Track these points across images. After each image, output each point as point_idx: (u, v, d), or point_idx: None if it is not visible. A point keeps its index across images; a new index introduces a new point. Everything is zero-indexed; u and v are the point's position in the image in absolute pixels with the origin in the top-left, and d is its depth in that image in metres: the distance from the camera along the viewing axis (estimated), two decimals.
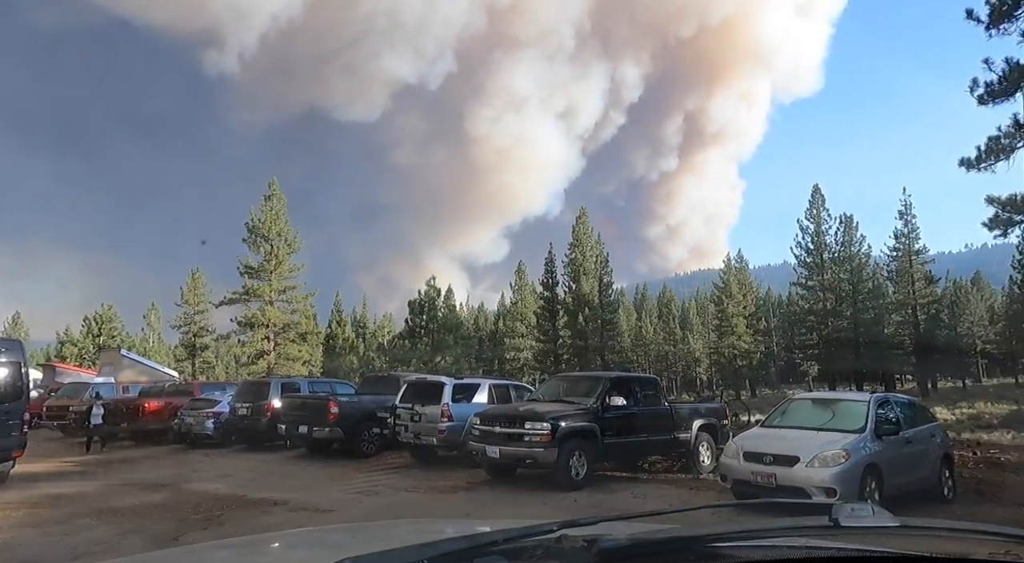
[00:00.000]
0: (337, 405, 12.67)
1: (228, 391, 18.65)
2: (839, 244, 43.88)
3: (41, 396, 24.79)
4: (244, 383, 15.96)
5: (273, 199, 46.95)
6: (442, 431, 10.73)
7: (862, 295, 42.71)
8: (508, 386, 12.25)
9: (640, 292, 79.47)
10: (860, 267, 43.23)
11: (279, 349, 47.36)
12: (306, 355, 50.19)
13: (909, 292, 44.83)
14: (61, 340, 42.79)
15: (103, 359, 23.07)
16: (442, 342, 27.55)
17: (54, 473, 12.86)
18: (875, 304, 43.03)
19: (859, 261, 43.41)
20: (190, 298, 56.57)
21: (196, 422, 16.06)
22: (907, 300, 44.86)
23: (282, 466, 12.62)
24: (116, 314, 44.28)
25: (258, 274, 46.12)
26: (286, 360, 46.76)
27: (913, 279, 44.71)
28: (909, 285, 44.75)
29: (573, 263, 50.82)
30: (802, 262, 45.79)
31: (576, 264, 50.35)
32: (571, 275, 50.85)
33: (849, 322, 42.91)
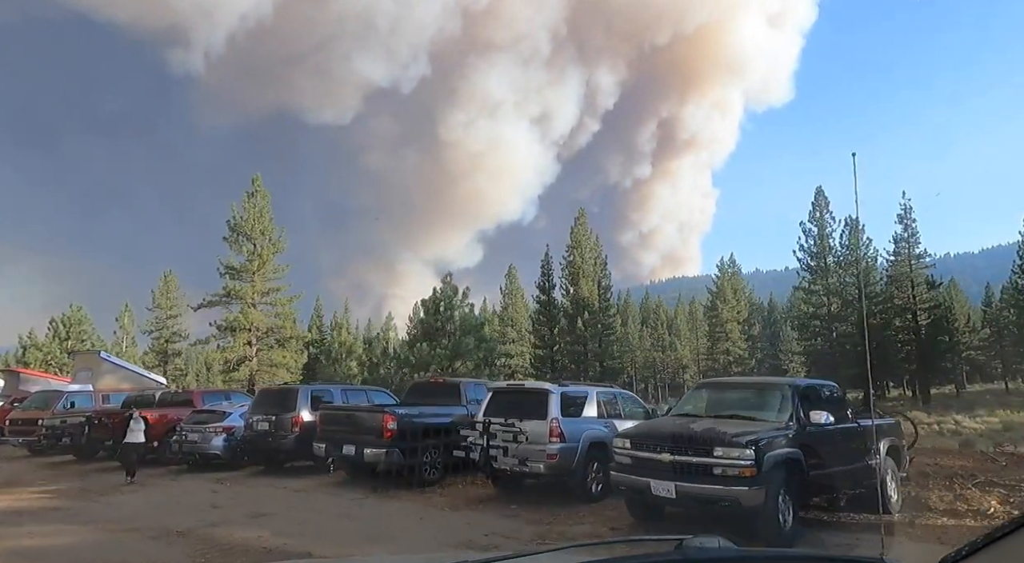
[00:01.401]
0: (395, 419, 9.93)
1: (235, 400, 15.65)
2: (844, 247, 42.61)
3: (3, 407, 21.21)
4: (263, 392, 13.00)
5: (256, 196, 43.57)
6: (552, 455, 8.11)
7: (869, 299, 41.40)
8: (614, 395, 9.70)
9: (623, 298, 77.59)
10: (868, 270, 41.99)
11: (261, 355, 43.91)
12: (291, 361, 46.84)
13: (909, 296, 43.81)
14: (24, 344, 38.53)
15: (79, 363, 19.77)
16: (462, 345, 24.83)
17: (23, 511, 9.77)
18: (882, 308, 41.80)
19: (866, 264, 42.18)
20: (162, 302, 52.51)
21: (202, 439, 13.06)
22: (908, 304, 43.81)
23: (328, 499, 9.80)
24: (86, 316, 40.18)
25: (240, 275, 42.66)
26: (269, 366, 43.27)
27: (914, 283, 43.70)
28: (909, 289, 43.75)
29: (571, 266, 48.57)
30: (805, 266, 44.46)
31: (575, 267, 48.09)
32: (569, 278, 48.59)
33: (855, 327, 41.55)
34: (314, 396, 12.34)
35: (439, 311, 27.83)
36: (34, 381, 22.87)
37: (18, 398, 21.69)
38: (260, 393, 12.94)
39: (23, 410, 17.78)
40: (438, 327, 26.80)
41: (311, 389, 12.52)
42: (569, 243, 49.71)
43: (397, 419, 9.96)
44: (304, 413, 11.91)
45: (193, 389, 16.23)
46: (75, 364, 20.11)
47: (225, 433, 13.19)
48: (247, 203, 43.47)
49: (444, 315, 27.70)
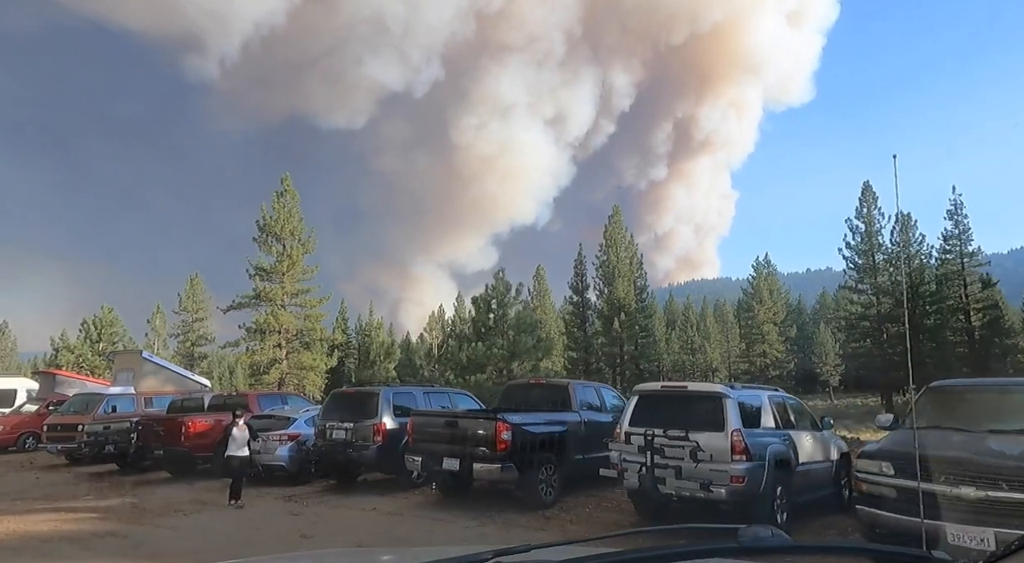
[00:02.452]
0: (510, 428, 8.17)
1: (295, 405, 14.02)
2: (895, 244, 40.36)
3: (39, 410, 19.75)
4: (337, 396, 11.27)
5: (286, 196, 42.20)
6: (738, 477, 6.32)
7: (923, 299, 39.14)
8: (783, 401, 7.89)
9: (647, 300, 75.32)
10: (921, 269, 39.77)
11: (291, 357, 42.57)
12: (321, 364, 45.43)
13: (961, 296, 41.52)
14: (56, 347, 37.31)
15: (119, 364, 18.25)
16: (519, 344, 23.07)
17: (70, 536, 8.13)
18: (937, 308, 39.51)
19: (919, 262, 39.98)
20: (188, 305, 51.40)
21: (264, 448, 11.39)
22: (960, 304, 41.50)
23: (437, 526, 8.05)
24: (117, 318, 38.88)
25: (269, 276, 41.35)
26: (299, 369, 41.91)
27: (966, 282, 41.41)
28: (961, 289, 41.48)
29: (606, 265, 46.64)
30: (852, 264, 42.29)
31: (609, 266, 46.17)
32: (603, 278, 46.70)
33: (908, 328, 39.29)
34: (397, 400, 10.61)
35: (491, 309, 26.11)
36: (70, 383, 21.43)
37: (53, 401, 20.24)
38: (333, 397, 11.21)
39: (61, 414, 16.27)
40: (491, 325, 25.05)
41: (393, 391, 10.78)
42: (602, 242, 47.81)
43: (512, 428, 8.20)
44: (387, 419, 10.19)
45: (248, 391, 14.65)
46: (115, 365, 18.62)
47: (291, 442, 11.52)
48: (276, 203, 42.16)
49: (497, 313, 25.97)
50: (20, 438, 19.13)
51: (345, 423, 10.35)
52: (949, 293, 41.16)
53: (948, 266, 41.70)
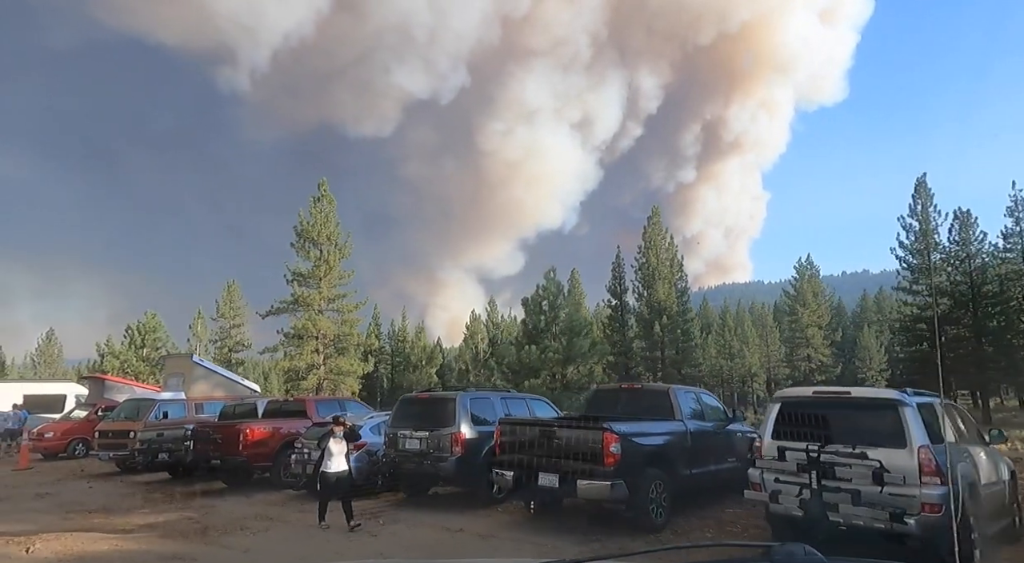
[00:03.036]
0: (619, 439, 7.09)
1: (355, 411, 13.14)
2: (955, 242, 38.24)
3: (88, 416, 19.28)
4: (408, 402, 10.28)
5: (323, 201, 41.83)
6: (933, 506, 5.14)
7: (986, 299, 36.94)
8: (952, 409, 6.67)
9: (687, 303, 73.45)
10: (983, 268, 37.56)
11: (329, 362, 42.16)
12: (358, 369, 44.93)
13: None
14: (101, 352, 37.37)
15: (169, 368, 17.66)
16: (575, 347, 21.95)
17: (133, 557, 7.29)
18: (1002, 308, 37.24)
19: (981, 261, 37.78)
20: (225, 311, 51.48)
21: None
22: None
23: (541, 551, 6.99)
24: (160, 323, 38.84)
25: (307, 281, 41.03)
26: (336, 374, 41.46)
27: None
28: None
29: (645, 268, 45.26)
30: (907, 264, 40.20)
31: (649, 268, 44.77)
32: (642, 281, 45.31)
33: (970, 331, 37.18)
34: (474, 406, 9.59)
35: (542, 310, 25.05)
36: (118, 388, 21.01)
37: (103, 406, 19.78)
38: (404, 403, 10.24)
39: (113, 421, 15.67)
40: (542, 328, 23.98)
41: (469, 397, 9.76)
42: (640, 244, 46.46)
43: (621, 439, 7.12)
44: (465, 428, 9.19)
45: (305, 396, 13.83)
46: (165, 369, 18.05)
47: (357, 451, 10.58)
48: (313, 208, 41.86)
49: (548, 315, 24.90)
50: (70, 445, 18.68)
51: (419, 432, 9.38)
52: (1012, 293, 38.85)
53: (1010, 265, 39.43)
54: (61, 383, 24.93)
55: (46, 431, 18.52)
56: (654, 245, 44.86)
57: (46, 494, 12.44)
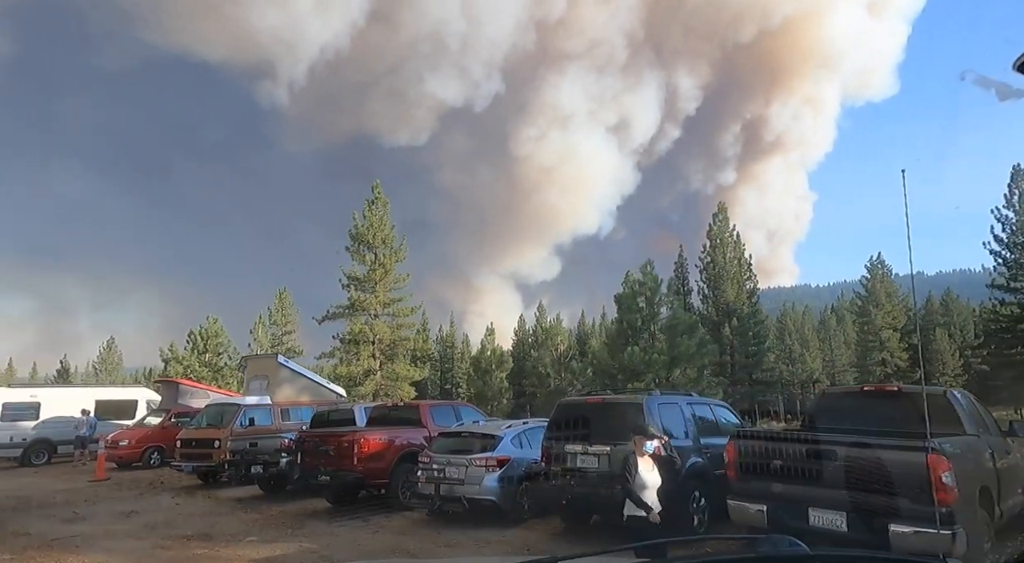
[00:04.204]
0: (950, 468, 4.87)
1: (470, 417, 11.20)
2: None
3: (163, 423, 17.81)
4: (570, 407, 8.19)
5: (377, 204, 40.38)
6: None
7: None
8: None
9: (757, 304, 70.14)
10: None
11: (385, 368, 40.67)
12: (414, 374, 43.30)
13: None
14: (165, 358, 36.56)
15: (252, 369, 16.07)
16: (680, 348, 19.64)
17: None
18: None
19: None
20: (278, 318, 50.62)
21: (467, 476, 8.50)
22: None
23: None
24: (222, 328, 37.90)
25: (362, 286, 39.65)
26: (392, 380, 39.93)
27: None
28: None
29: (711, 267, 42.54)
30: (1002, 260, 36.60)
31: (715, 268, 42.04)
32: (708, 281, 42.57)
33: None
34: (663, 412, 7.45)
35: (638, 308, 22.86)
36: (193, 392, 19.59)
37: (178, 412, 18.31)
38: (565, 409, 8.15)
39: (195, 428, 14.06)
40: (639, 327, 21.79)
41: (658, 401, 7.61)
42: (706, 243, 43.76)
43: (951, 467, 4.89)
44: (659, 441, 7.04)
45: (419, 401, 11.93)
46: (248, 370, 16.47)
47: (500, 468, 8.58)
48: (368, 211, 40.48)
49: (646, 312, 22.67)
50: (145, 453, 17.22)
51: (596, 446, 7.28)
52: None
53: None
54: (132, 388, 23.73)
55: (120, 439, 17.11)
56: (721, 243, 42.14)
57: (131, 512, 10.79)
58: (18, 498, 12.64)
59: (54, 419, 18.84)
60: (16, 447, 18.27)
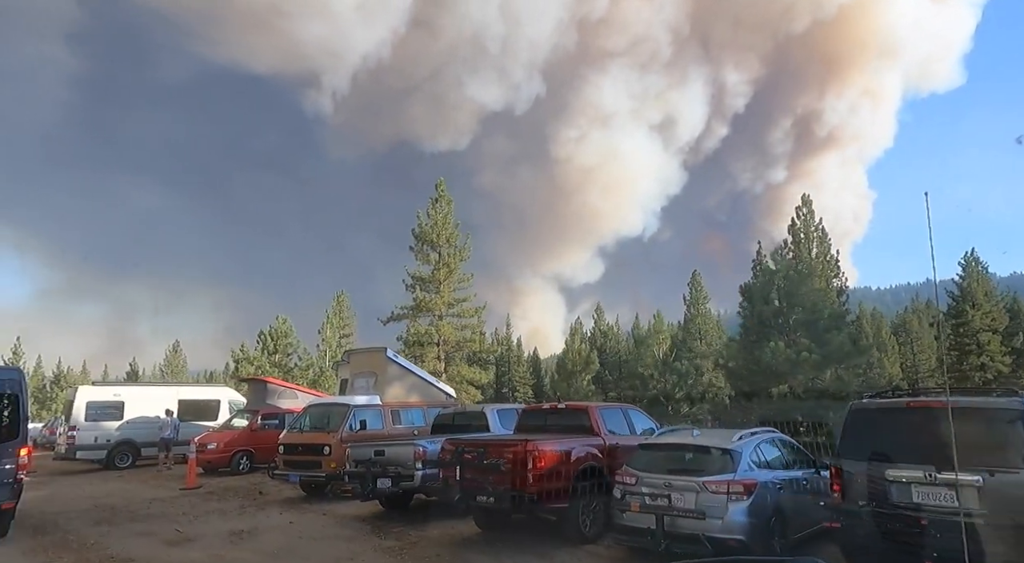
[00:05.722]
0: None
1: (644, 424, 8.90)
2: None
3: (251, 425, 16.08)
4: (874, 410, 5.74)
5: (440, 202, 38.60)
6: None
7: None
8: None
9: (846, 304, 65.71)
10: None
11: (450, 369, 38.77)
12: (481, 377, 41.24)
13: None
14: (236, 358, 35.59)
15: (356, 365, 14.15)
16: (832, 344, 16.82)
17: None
18: None
19: None
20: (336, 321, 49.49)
21: (699, 505, 6.17)
22: None
23: None
24: (291, 329, 36.70)
25: (427, 286, 37.87)
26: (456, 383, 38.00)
27: None
28: None
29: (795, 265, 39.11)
30: None
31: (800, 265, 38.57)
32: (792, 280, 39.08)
33: None
34: None
35: (768, 300, 20.20)
36: (281, 392, 17.89)
37: (267, 414, 16.58)
38: (864, 414, 5.71)
39: (299, 431, 12.14)
40: (769, 321, 19.10)
41: None
42: (788, 238, 40.39)
43: None
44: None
45: (586, 403, 9.70)
46: (352, 366, 14.57)
47: (747, 496, 6.20)
48: (432, 210, 38.74)
49: (782, 304, 20.00)
50: (234, 458, 15.50)
51: (947, 474, 4.81)
52: None
53: None
54: (214, 387, 22.32)
55: (208, 441, 15.45)
56: (807, 238, 38.73)
57: (241, 533, 8.86)
58: (111, 509, 10.96)
59: (138, 419, 17.40)
60: (100, 449, 16.88)
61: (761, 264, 43.07)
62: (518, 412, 11.16)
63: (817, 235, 39.72)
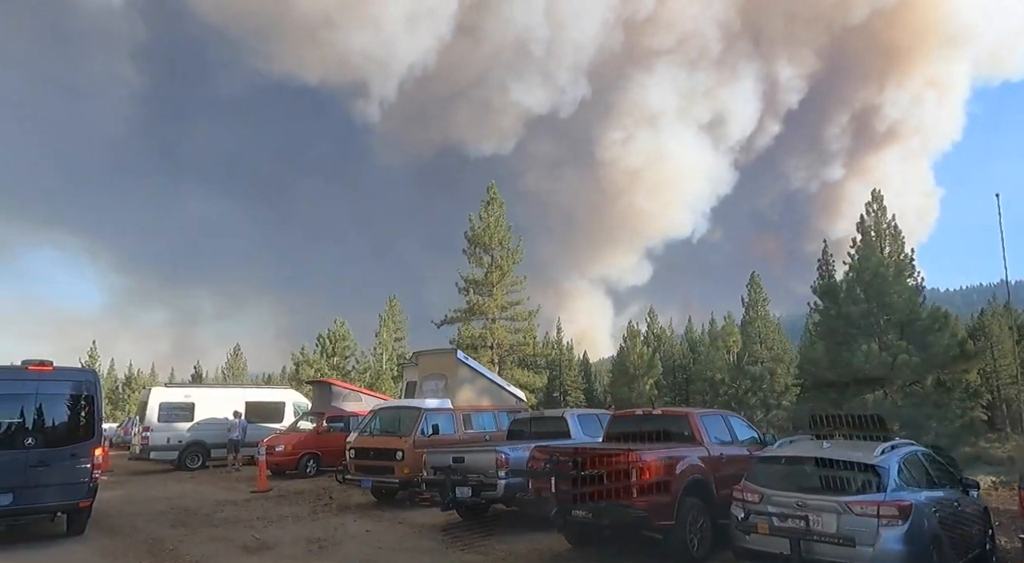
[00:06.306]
0: None
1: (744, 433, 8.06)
2: None
3: (317, 428, 15.89)
4: None
5: (493, 205, 38.01)
6: None
7: None
8: None
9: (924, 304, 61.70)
10: None
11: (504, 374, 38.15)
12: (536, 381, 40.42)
13: None
14: (296, 361, 36.09)
15: (425, 367, 13.69)
16: (935, 349, 15.40)
17: None
18: None
19: None
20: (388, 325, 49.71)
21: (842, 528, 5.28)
22: None
23: None
24: (348, 332, 36.97)
25: (480, 289, 37.41)
26: None
27: None
28: None
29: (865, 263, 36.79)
30: None
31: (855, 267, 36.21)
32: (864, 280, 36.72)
33: None
34: None
35: (855, 298, 18.82)
36: (346, 395, 17.71)
37: (332, 416, 16.38)
38: None
39: (370, 436, 11.74)
40: (856, 320, 17.69)
41: None
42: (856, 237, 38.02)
43: None
44: None
45: (684, 409, 8.88)
46: (420, 368, 14.20)
47: (902, 520, 5.28)
48: (484, 212, 38.22)
49: (871, 304, 18.57)
50: (301, 460, 15.33)
51: None
52: None
53: None
54: (279, 389, 22.44)
55: (276, 444, 15.32)
56: (880, 234, 36.35)
57: (319, 541, 8.44)
58: (186, 511, 10.82)
59: (207, 421, 17.52)
60: (172, 449, 17.05)
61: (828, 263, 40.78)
62: (599, 417, 10.44)
63: (889, 233, 37.31)
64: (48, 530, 9.04)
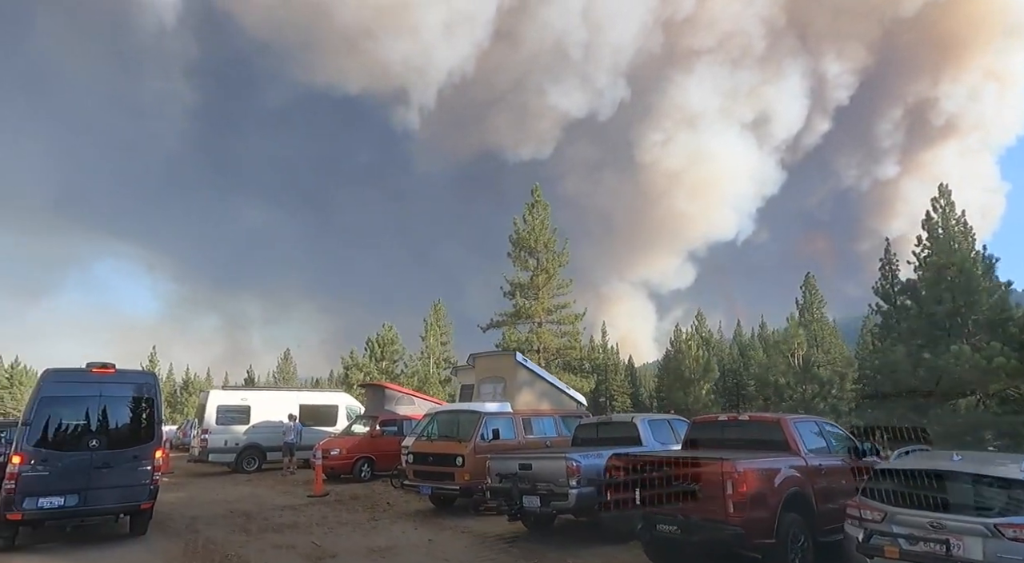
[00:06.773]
0: None
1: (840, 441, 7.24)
2: None
3: (371, 431, 15.64)
4: None
5: (537, 207, 37.41)
6: None
7: None
8: None
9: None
10: None
11: None
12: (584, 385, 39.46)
13: None
14: (346, 365, 36.42)
15: (483, 370, 13.29)
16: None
17: None
18: None
19: None
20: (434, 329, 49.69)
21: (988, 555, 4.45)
22: None
23: None
24: (396, 336, 37.08)
25: (526, 292, 36.78)
26: None
27: None
28: None
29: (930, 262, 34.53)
30: None
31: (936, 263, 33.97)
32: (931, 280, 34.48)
33: None
34: None
35: (941, 298, 17.47)
36: (399, 398, 17.46)
37: (385, 420, 16.12)
38: None
39: (428, 441, 11.34)
40: (941, 321, 16.31)
41: None
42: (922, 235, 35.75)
43: None
44: None
45: (775, 415, 8.20)
46: (477, 371, 13.81)
47: None
48: (528, 215, 37.64)
49: (956, 303, 17.19)
50: (356, 464, 15.10)
51: None
52: None
53: None
54: (333, 393, 22.47)
55: (331, 448, 15.15)
56: (947, 232, 34.06)
57: (383, 550, 8.05)
58: (246, 515, 10.64)
59: (263, 424, 17.56)
60: (230, 452, 17.13)
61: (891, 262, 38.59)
62: (671, 423, 9.73)
63: (959, 229, 34.98)
64: (112, 531, 8.97)
